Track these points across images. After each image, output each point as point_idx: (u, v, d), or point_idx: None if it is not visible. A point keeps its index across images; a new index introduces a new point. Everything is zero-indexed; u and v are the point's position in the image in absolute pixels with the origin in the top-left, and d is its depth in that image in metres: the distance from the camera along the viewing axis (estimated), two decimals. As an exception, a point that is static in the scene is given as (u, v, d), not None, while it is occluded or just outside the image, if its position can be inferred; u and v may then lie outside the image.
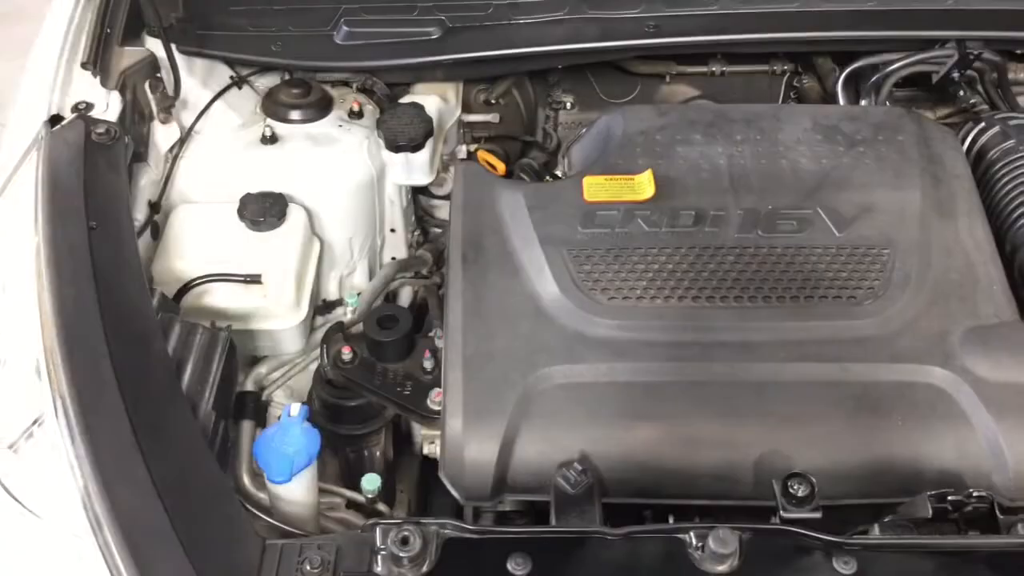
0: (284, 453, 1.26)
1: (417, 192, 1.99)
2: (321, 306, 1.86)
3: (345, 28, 1.78)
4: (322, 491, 1.58)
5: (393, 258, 1.98)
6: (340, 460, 1.67)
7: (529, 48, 1.74)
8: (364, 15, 1.78)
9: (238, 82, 1.87)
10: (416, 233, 2.03)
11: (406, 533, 1.11)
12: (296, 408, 1.32)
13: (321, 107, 1.85)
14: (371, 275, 1.93)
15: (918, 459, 1.29)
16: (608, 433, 1.31)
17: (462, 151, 2.01)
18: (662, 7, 1.77)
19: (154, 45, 1.74)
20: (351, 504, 1.57)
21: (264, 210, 1.66)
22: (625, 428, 1.31)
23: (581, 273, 1.44)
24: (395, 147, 1.72)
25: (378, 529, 1.13)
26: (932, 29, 1.76)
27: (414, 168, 1.78)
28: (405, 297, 1.93)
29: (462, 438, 1.30)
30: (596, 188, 1.54)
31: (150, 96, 1.69)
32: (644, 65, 2.09)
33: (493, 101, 2.07)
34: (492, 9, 1.77)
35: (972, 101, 1.90)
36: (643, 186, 1.53)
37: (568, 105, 2.16)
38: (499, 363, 1.35)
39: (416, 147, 1.72)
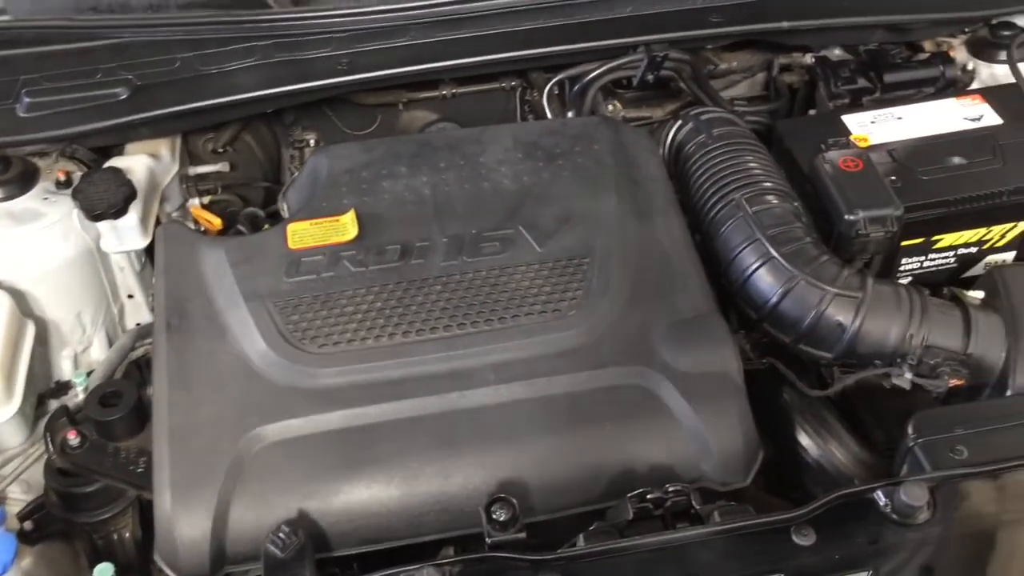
0: (-30, 566, 1.18)
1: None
2: (53, 388, 1.77)
3: (27, 99, 1.69)
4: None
5: (138, 324, 1.91)
6: (88, 549, 1.59)
7: (224, 98, 1.70)
8: (45, 83, 1.70)
9: (-74, 165, 1.75)
10: (159, 295, 1.95)
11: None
12: (-11, 515, 1.24)
13: (23, 182, 1.75)
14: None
15: (630, 460, 1.33)
16: (326, 485, 1.29)
17: (195, 203, 1.95)
18: (352, 44, 1.77)
19: None
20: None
21: (-45, 302, 1.56)
22: (343, 477, 1.29)
23: (289, 324, 1.41)
24: (93, 216, 1.64)
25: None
26: (620, 37, 1.82)
27: (124, 234, 1.71)
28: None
29: (171, 515, 1.26)
30: (300, 234, 1.52)
31: None
32: (372, 96, 2.08)
33: (221, 150, 2.02)
34: (179, 63, 1.72)
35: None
36: (347, 227, 1.52)
37: (312, 143, 2.12)
38: (207, 431, 1.31)
39: (118, 212, 1.66)
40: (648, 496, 1.22)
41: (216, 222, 1.78)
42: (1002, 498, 1.26)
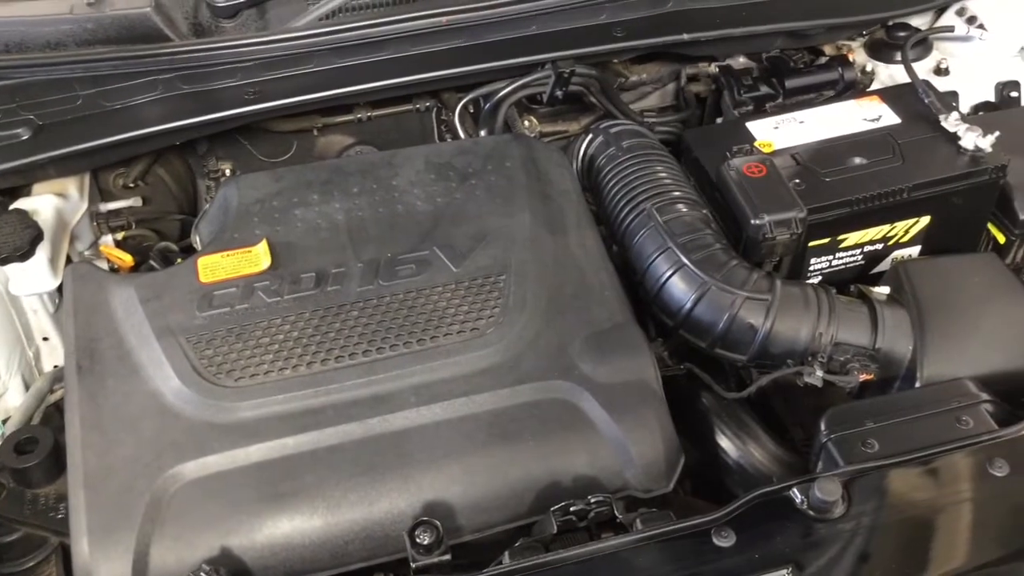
0: None
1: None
2: (-30, 438, 1.72)
3: (-75, 145, 1.65)
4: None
5: (55, 367, 1.86)
6: (11, 601, 1.54)
7: (129, 133, 1.67)
8: (-59, 129, 1.67)
9: None
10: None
11: None
12: None
13: (-74, 228, 1.71)
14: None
15: (554, 473, 1.33)
16: (248, 520, 1.27)
17: (108, 241, 1.92)
18: (258, 73, 1.76)
19: None
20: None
21: None
22: (264, 511, 1.28)
23: (203, 359, 1.39)
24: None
25: None
26: (527, 55, 1.84)
27: (32, 276, 1.67)
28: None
29: (90, 562, 1.23)
30: (212, 267, 1.50)
31: None
32: (287, 123, 2.07)
33: (132, 184, 1.99)
34: (81, 100, 1.70)
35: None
36: (259, 257, 1.51)
37: (228, 172, 2.10)
38: (123, 473, 1.29)
39: (24, 255, 1.62)
40: (571, 508, 1.23)
41: (127, 259, 1.75)
42: (914, 487, 1.29)
